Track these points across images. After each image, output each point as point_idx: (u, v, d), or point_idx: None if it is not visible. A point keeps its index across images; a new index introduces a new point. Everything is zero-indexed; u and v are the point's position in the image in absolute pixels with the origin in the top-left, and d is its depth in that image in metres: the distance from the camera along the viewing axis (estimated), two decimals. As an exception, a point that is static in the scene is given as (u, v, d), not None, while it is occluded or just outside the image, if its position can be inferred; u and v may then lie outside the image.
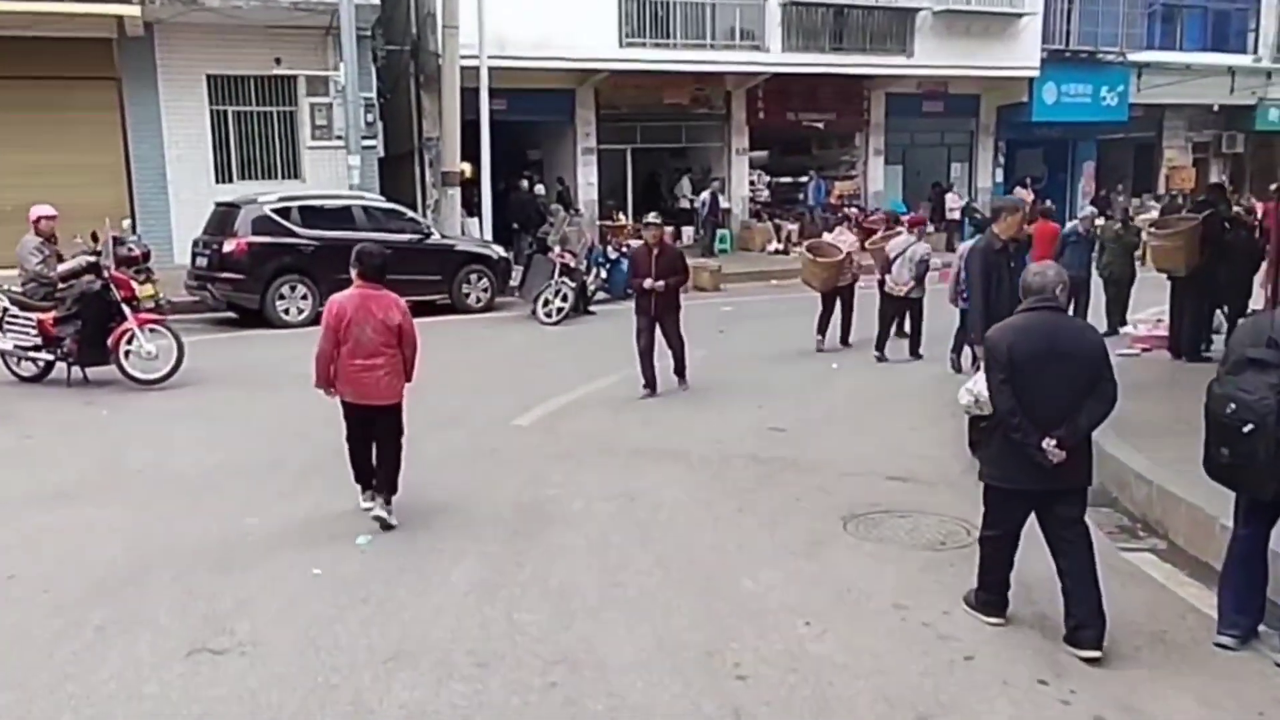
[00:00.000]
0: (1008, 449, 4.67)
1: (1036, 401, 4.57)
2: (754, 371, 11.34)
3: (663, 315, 9.97)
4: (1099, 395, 4.59)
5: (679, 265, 10.12)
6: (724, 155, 23.76)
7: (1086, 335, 4.79)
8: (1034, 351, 4.58)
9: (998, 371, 4.67)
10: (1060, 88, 24.98)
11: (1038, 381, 4.57)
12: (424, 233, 15.52)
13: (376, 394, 6.30)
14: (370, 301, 6.18)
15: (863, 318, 12.88)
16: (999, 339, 4.74)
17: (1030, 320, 4.71)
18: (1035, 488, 4.68)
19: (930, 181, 26.55)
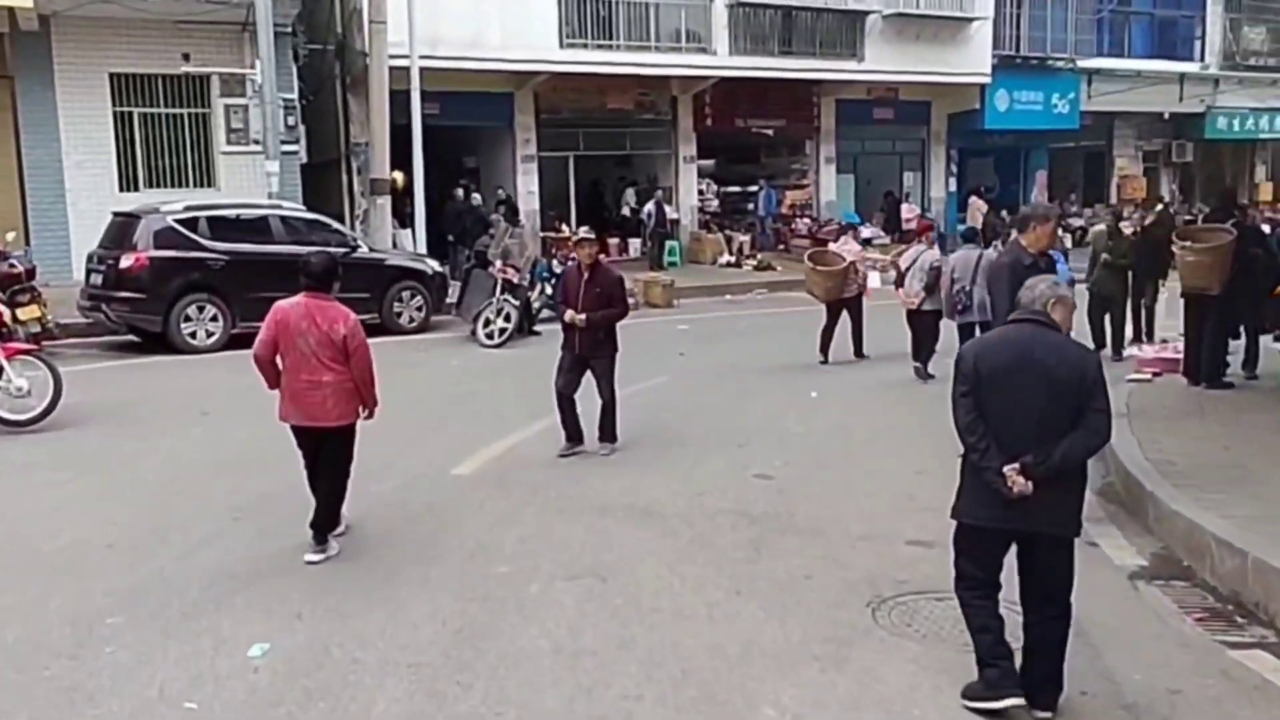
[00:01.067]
0: (973, 479, 4.09)
1: (1003, 420, 3.98)
2: (725, 400, 10.03)
3: (592, 355, 7.97)
4: (1087, 427, 3.92)
5: (616, 294, 7.95)
6: (671, 163, 22.49)
7: (1072, 352, 4.06)
8: (1004, 363, 4.02)
9: (960, 384, 4.10)
10: (1012, 95, 24.18)
11: (1006, 397, 3.98)
12: (350, 245, 13.98)
13: (322, 415, 5.67)
14: (315, 312, 5.62)
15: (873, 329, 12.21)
16: (968, 350, 4.24)
17: (1007, 332, 4.19)
18: (1000, 526, 4.02)
19: (883, 190, 25.61)
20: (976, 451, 4.00)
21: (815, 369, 11.70)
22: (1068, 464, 3.93)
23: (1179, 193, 28.71)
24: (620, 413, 9.25)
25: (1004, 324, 4.32)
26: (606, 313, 7.85)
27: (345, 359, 5.62)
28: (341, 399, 5.69)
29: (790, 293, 19.25)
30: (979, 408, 4.02)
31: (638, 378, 10.84)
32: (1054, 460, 3.89)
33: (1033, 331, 4.06)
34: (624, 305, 8.04)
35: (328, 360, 5.60)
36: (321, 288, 5.71)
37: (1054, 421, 3.91)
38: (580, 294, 7.80)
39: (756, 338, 14.04)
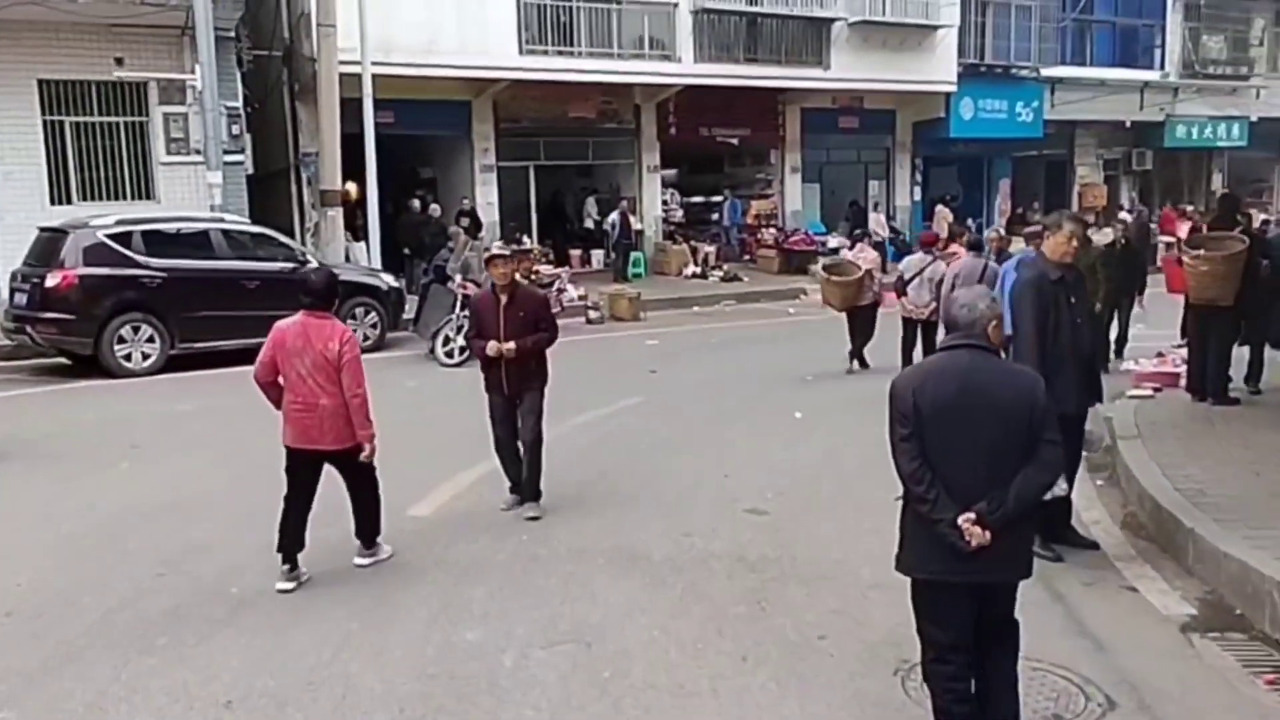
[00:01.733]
0: (920, 527, 3.60)
1: (951, 463, 3.52)
2: (704, 423, 9.28)
3: (520, 389, 6.67)
4: (1039, 462, 3.51)
5: (543, 316, 6.71)
6: (634, 172, 21.77)
7: (1015, 380, 3.64)
8: (947, 398, 3.52)
9: (899, 425, 3.59)
10: (977, 103, 23.76)
11: (952, 436, 3.51)
12: (299, 260, 13.09)
13: (320, 437, 5.42)
14: (312, 331, 5.37)
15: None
16: (903, 384, 3.65)
17: (943, 361, 3.68)
18: (962, 579, 3.56)
19: (848, 200, 25.10)
20: (925, 502, 3.52)
21: (796, 385, 11.01)
22: (1023, 506, 3.51)
23: (1138, 201, 28.49)
24: (593, 438, 8.56)
25: (941, 350, 3.77)
26: (537, 338, 6.57)
27: (340, 379, 5.37)
28: (339, 423, 5.41)
29: (759, 304, 18.70)
30: (923, 451, 3.53)
31: (609, 398, 10.13)
32: (1009, 504, 3.46)
33: (972, 358, 3.60)
34: (554, 328, 6.77)
35: (323, 382, 5.34)
36: (322, 306, 5.47)
37: (1006, 459, 3.49)
38: (501, 321, 6.49)
39: (730, 352, 13.34)
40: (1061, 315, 5.69)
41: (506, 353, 6.43)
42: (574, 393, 10.53)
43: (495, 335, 6.47)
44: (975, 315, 3.61)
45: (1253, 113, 27.87)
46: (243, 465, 7.84)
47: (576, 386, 10.98)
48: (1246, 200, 30.18)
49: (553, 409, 8.45)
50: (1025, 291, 5.75)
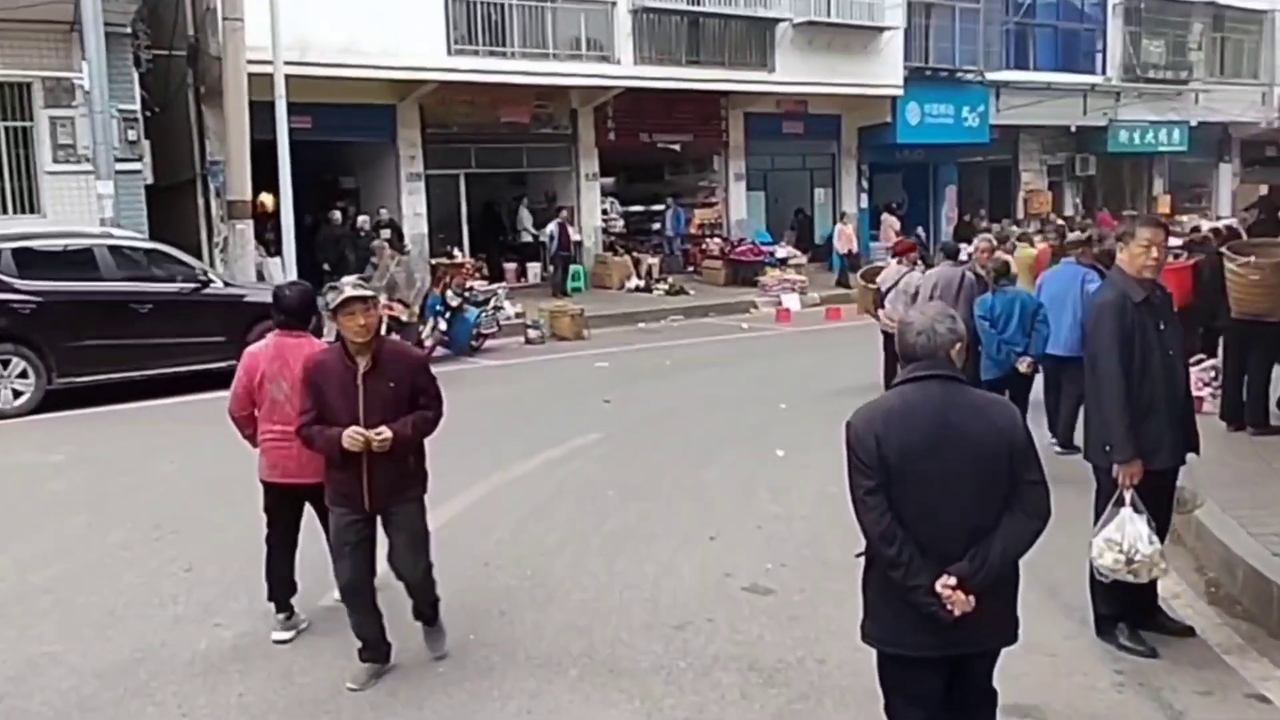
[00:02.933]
0: (890, 593, 3.03)
1: (924, 518, 2.97)
2: (674, 466, 7.91)
3: (389, 501, 4.40)
4: (1024, 508, 2.98)
5: (422, 388, 4.43)
6: (572, 180, 20.35)
7: (993, 413, 3.08)
8: (916, 442, 2.97)
9: (862, 476, 3.02)
10: (923, 108, 22.85)
11: (924, 487, 2.96)
12: (200, 280, 11.49)
13: (299, 470, 4.76)
14: (287, 352, 4.79)
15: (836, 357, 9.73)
16: (863, 426, 3.06)
17: (910, 397, 3.06)
18: (934, 654, 3.03)
19: (794, 208, 24.05)
20: (898, 567, 2.97)
21: (769, 415, 9.71)
22: (1009, 561, 3.03)
23: (1082, 206, 27.96)
24: (546, 491, 7.20)
25: (902, 382, 3.12)
26: (419, 420, 4.37)
27: None
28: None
29: (708, 319, 17.46)
30: (891, 505, 2.97)
31: (560, 435, 8.75)
32: (992, 561, 2.95)
33: (943, 391, 3.03)
34: (438, 403, 4.47)
35: None
36: (297, 324, 4.88)
37: (986, 508, 2.98)
38: (361, 397, 4.25)
39: (689, 376, 12.02)
40: (1150, 346, 4.47)
41: (377, 445, 4.18)
42: (519, 430, 9.21)
43: (350, 418, 4.23)
44: (935, 342, 3.02)
45: (1192, 117, 27.47)
46: (116, 537, 6.31)
47: (522, 421, 9.63)
48: (1185, 206, 30.15)
49: (496, 453, 7.16)
50: (1104, 318, 4.49)
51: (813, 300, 19.11)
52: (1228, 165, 30.33)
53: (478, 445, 8.37)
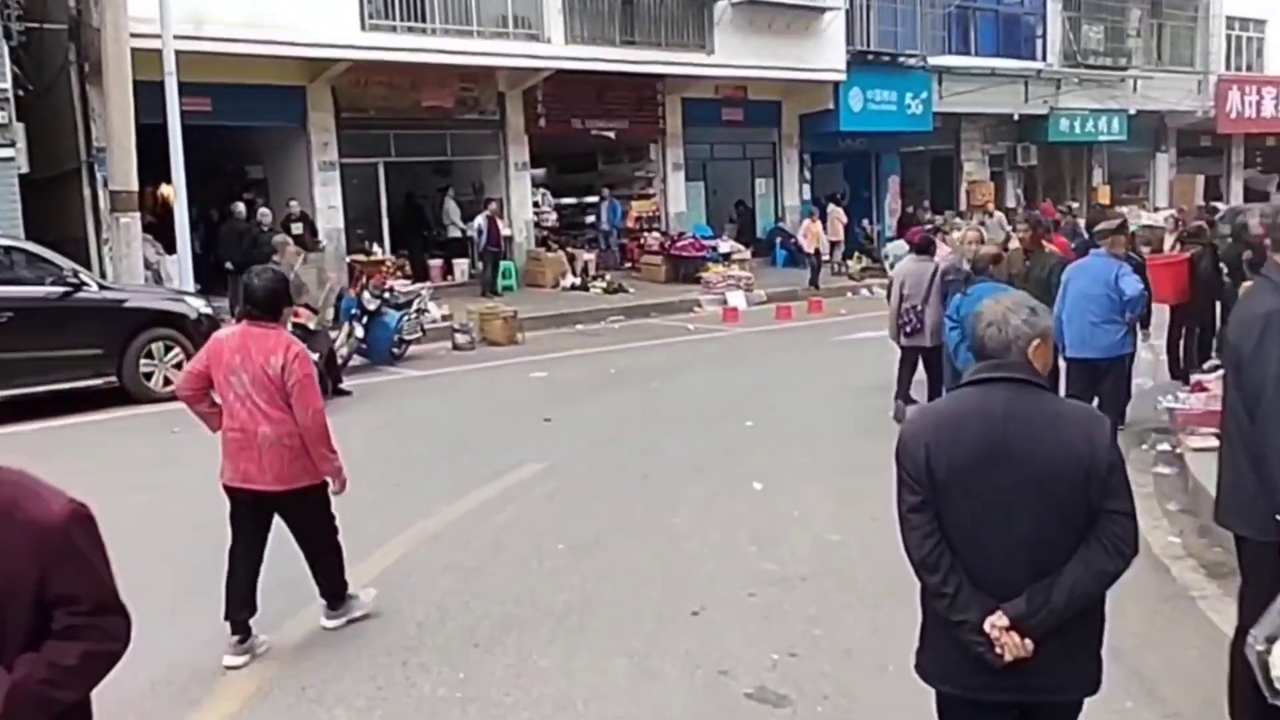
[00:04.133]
0: (943, 629, 2.54)
1: (977, 543, 2.49)
2: (635, 507, 6.54)
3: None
4: (1101, 541, 2.43)
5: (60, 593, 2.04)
6: (500, 170, 18.82)
7: (1070, 427, 2.48)
8: (971, 454, 2.47)
9: (907, 491, 2.54)
10: (866, 94, 21.80)
11: (978, 507, 2.48)
12: (72, 283, 9.80)
13: (260, 476, 4.34)
14: (252, 343, 4.36)
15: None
16: (912, 435, 2.58)
17: (967, 402, 2.56)
18: (996, 697, 2.52)
19: (734, 200, 22.84)
20: (942, 598, 2.48)
21: (736, 435, 8.40)
22: (1079, 604, 2.44)
23: (1023, 197, 27.25)
24: (480, 548, 5.83)
25: (964, 385, 2.61)
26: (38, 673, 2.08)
27: (288, 403, 4.32)
28: (283, 457, 4.36)
29: (650, 319, 16.14)
30: (940, 527, 2.47)
31: (496, 466, 7.36)
32: (1055, 603, 2.41)
33: (1009, 398, 2.49)
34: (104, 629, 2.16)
35: (264, 405, 4.34)
36: (265, 315, 4.46)
37: (1053, 539, 2.44)
38: None
39: (637, 387, 10.68)
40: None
41: None
42: (446, 460, 7.78)
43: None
44: (1010, 335, 2.51)
45: (1131, 106, 26.93)
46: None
47: (449, 448, 8.19)
48: (1123, 197, 29.68)
49: (419, 492, 5.76)
50: (1274, 333, 3.23)
51: (760, 298, 17.91)
52: (1164, 155, 29.95)
53: (396, 482, 6.95)
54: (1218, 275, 10.62)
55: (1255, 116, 29.79)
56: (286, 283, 4.70)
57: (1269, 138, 31.83)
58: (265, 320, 4.44)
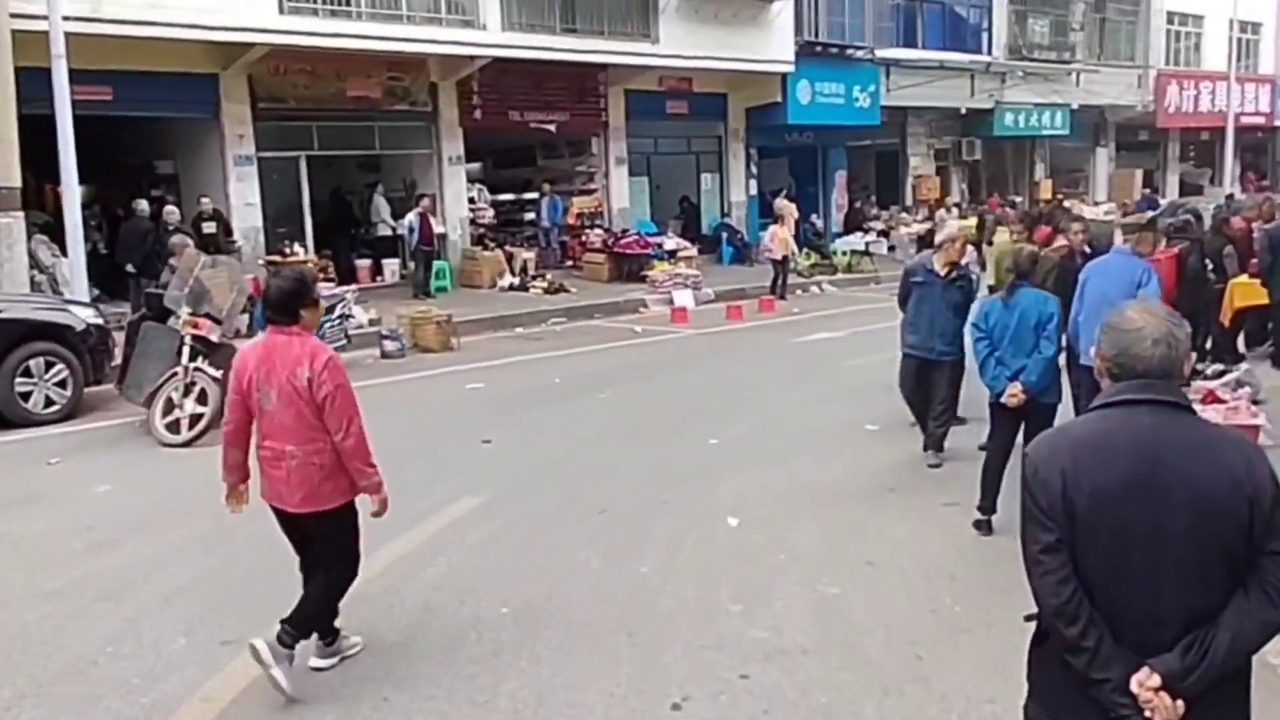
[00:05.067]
0: (1065, 674, 2.19)
1: (1119, 587, 2.14)
2: (587, 546, 5.47)
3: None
4: (1263, 585, 2.09)
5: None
6: (433, 165, 17.58)
7: (1227, 453, 2.14)
8: (1112, 485, 2.12)
9: (1039, 527, 2.18)
10: (814, 86, 20.94)
11: (1121, 545, 2.13)
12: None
13: (289, 496, 3.97)
14: (276, 354, 3.92)
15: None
16: (1045, 460, 2.20)
17: (1109, 424, 2.19)
18: None
19: (679, 196, 21.87)
20: (1081, 653, 2.11)
21: (700, 456, 7.38)
22: (1237, 660, 2.11)
23: (968, 192, 26.69)
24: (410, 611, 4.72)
25: (1105, 406, 2.20)
26: None
27: (320, 418, 3.84)
28: (312, 477, 3.90)
29: (594, 321, 15.08)
30: (1076, 568, 2.12)
31: (429, 499, 6.26)
32: (1215, 657, 2.06)
33: (1157, 420, 2.14)
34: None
35: (291, 422, 3.87)
36: (284, 320, 3.93)
37: (1208, 582, 2.08)
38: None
39: (584, 397, 9.61)
40: None
41: None
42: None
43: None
44: (1177, 354, 2.15)
45: (1073, 100, 26.52)
46: None
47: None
48: (1064, 191, 29.31)
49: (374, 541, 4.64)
50: None
51: (708, 297, 16.93)
52: (1104, 150, 29.67)
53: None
54: (1204, 271, 9.92)
55: (1193, 111, 29.69)
56: (304, 280, 4.11)
57: (1203, 132, 31.80)
58: (284, 324, 3.96)
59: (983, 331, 5.60)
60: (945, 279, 6.78)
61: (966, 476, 6.60)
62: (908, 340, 6.97)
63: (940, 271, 6.80)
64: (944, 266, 6.79)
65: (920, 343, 6.85)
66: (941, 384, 6.82)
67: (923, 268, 7.00)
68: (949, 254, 6.87)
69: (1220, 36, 30.43)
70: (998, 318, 5.59)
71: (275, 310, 4.01)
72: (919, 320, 6.84)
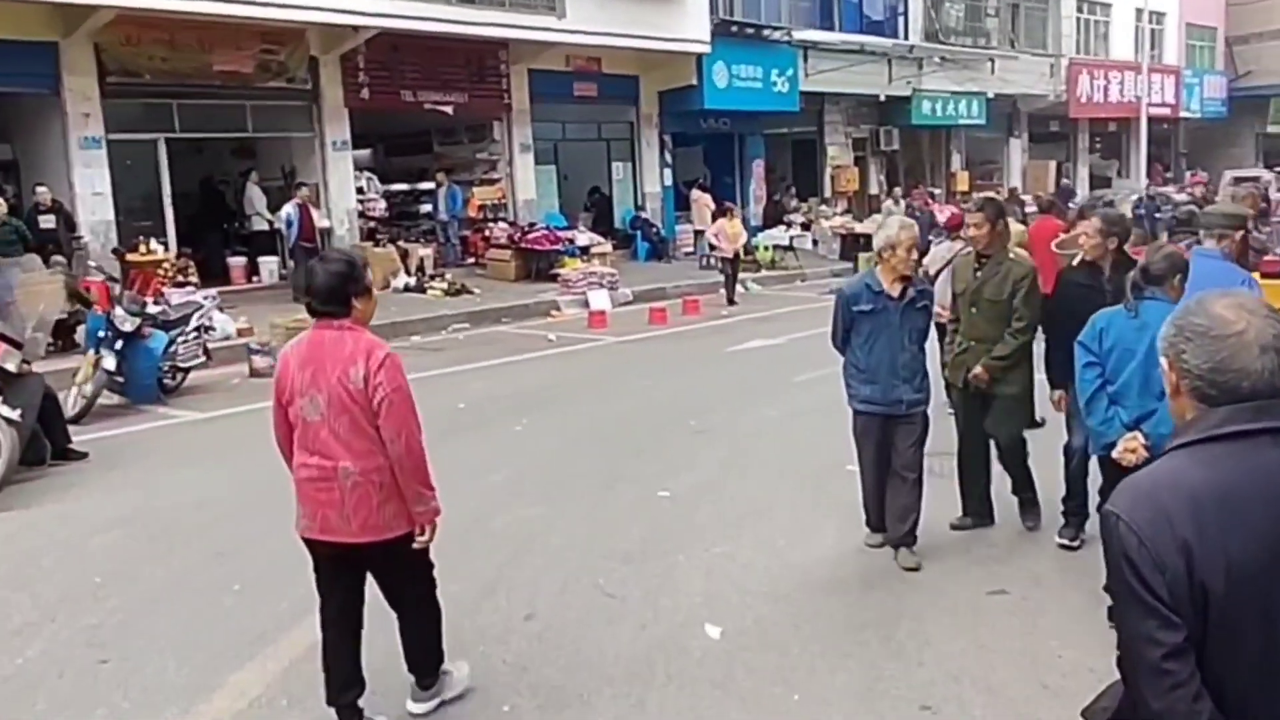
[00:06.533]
0: None
1: (1266, 698, 1.59)
2: (513, 690, 3.80)
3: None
4: None
5: None
6: (315, 150, 15.51)
7: None
8: (1254, 554, 1.57)
9: (1155, 622, 1.58)
10: (731, 69, 19.49)
11: (1272, 648, 1.58)
12: None
13: (342, 525, 3.31)
14: (323, 351, 3.30)
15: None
16: (1153, 525, 1.59)
17: (1227, 474, 1.61)
18: None
19: (589, 187, 20.19)
20: None
21: (654, 510, 5.75)
22: None
23: (885, 183, 25.63)
24: None
25: (1207, 440, 1.64)
26: None
27: (377, 426, 3.25)
28: (371, 499, 3.30)
29: (501, 327, 13.36)
30: (1205, 665, 1.58)
31: (284, 612, 4.46)
32: None
33: None
34: None
35: (345, 432, 3.26)
36: (334, 310, 3.31)
37: None
38: None
39: (495, 428, 7.88)
40: None
41: None
42: (204, 600, 4.72)
43: None
44: (1268, 361, 1.62)
45: (989, 89, 25.68)
46: None
47: (212, 569, 5.12)
48: (979, 182, 28.52)
49: (151, 683, 2.94)
50: None
51: (626, 297, 15.33)
52: (1017, 140, 29.00)
53: (110, 655, 3.99)
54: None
55: (1104, 101, 29.24)
56: (355, 263, 3.43)
57: (1111, 123, 31.50)
58: (334, 315, 3.32)
59: (1094, 355, 4.03)
60: (899, 300, 4.80)
61: (998, 541, 5.15)
62: (860, 393, 4.93)
63: (892, 292, 4.81)
64: (893, 284, 4.80)
65: (881, 395, 4.85)
66: (908, 446, 4.88)
67: (866, 289, 4.84)
68: (894, 265, 4.77)
69: (1128, 26, 30.11)
70: (1118, 336, 3.96)
71: (323, 300, 3.35)
72: (874, 363, 4.83)
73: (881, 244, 4.78)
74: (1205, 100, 33.76)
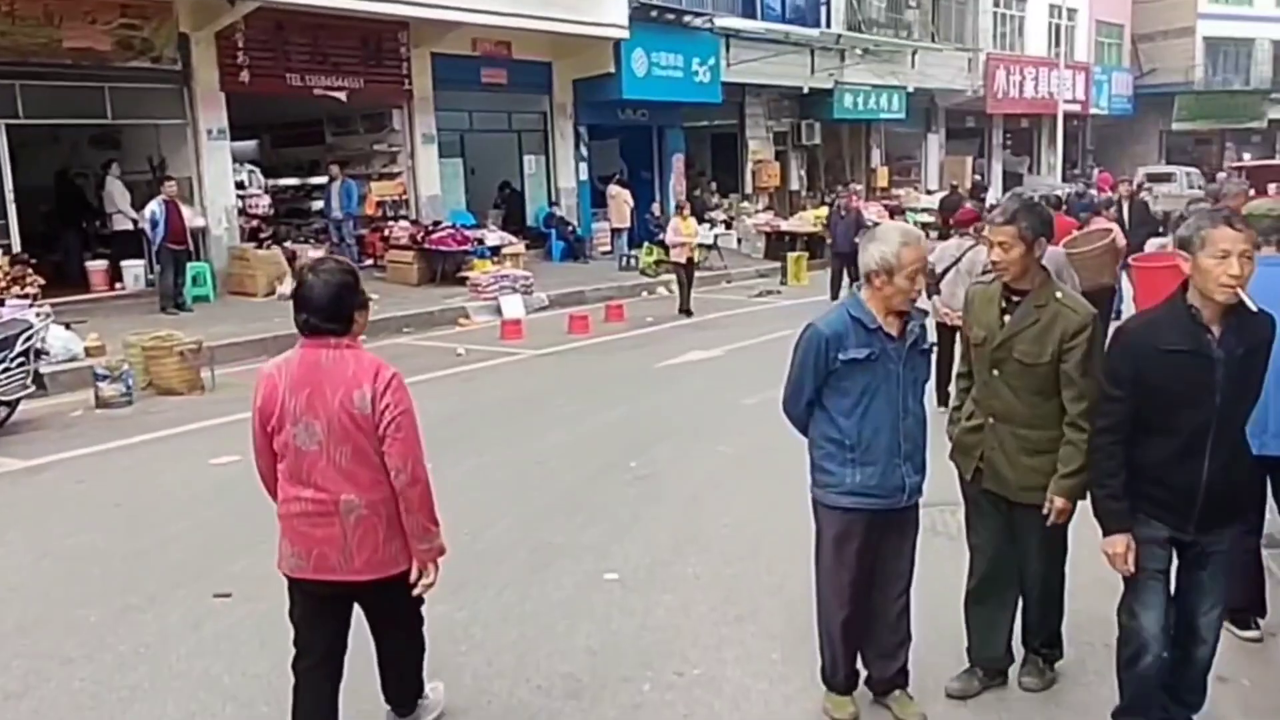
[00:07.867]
0: None
1: None
2: None
3: None
4: None
5: None
6: (188, 140, 13.60)
7: None
8: None
9: None
10: (650, 56, 18.16)
11: None
12: None
13: (343, 564, 2.99)
14: (320, 373, 2.94)
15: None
16: None
17: None
18: None
19: (498, 181, 18.66)
20: None
21: (601, 602, 4.35)
22: None
23: (806, 179, 24.67)
24: None
25: None
26: None
27: (380, 450, 2.93)
28: (377, 535, 2.98)
29: (403, 340, 11.93)
30: None
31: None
32: None
33: None
34: None
35: (348, 462, 2.93)
36: (333, 328, 2.94)
37: None
38: None
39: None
40: None
41: None
42: None
43: None
44: None
45: (910, 83, 24.90)
46: None
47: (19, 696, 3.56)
48: (897, 179, 27.79)
49: None
50: None
51: (541, 303, 13.88)
52: (935, 136, 28.40)
53: None
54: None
55: (1019, 96, 28.84)
56: (355, 273, 3.02)
57: (1023, 119, 31.20)
58: (332, 332, 2.91)
59: None
60: (900, 340, 3.26)
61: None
62: (844, 480, 3.30)
63: (890, 329, 3.25)
64: (888, 317, 3.25)
65: (879, 481, 3.28)
66: (903, 552, 3.43)
67: (856, 326, 3.23)
68: (889, 296, 3.21)
69: (1041, 21, 29.78)
70: None
71: (322, 315, 2.92)
72: (869, 435, 3.26)
73: (875, 264, 3.16)
74: (1113, 97, 33.80)
